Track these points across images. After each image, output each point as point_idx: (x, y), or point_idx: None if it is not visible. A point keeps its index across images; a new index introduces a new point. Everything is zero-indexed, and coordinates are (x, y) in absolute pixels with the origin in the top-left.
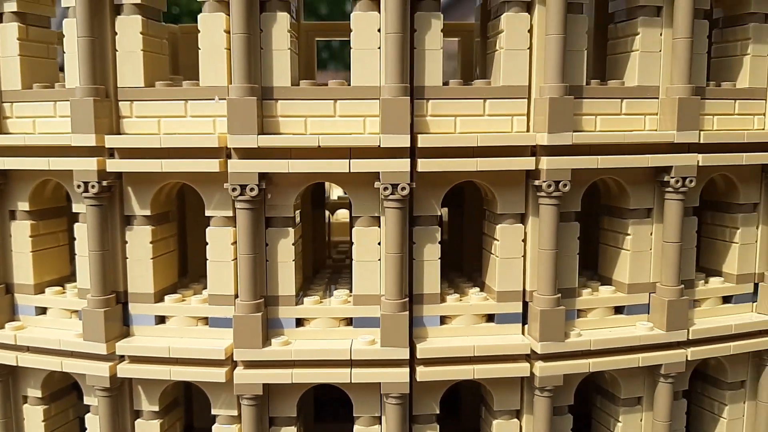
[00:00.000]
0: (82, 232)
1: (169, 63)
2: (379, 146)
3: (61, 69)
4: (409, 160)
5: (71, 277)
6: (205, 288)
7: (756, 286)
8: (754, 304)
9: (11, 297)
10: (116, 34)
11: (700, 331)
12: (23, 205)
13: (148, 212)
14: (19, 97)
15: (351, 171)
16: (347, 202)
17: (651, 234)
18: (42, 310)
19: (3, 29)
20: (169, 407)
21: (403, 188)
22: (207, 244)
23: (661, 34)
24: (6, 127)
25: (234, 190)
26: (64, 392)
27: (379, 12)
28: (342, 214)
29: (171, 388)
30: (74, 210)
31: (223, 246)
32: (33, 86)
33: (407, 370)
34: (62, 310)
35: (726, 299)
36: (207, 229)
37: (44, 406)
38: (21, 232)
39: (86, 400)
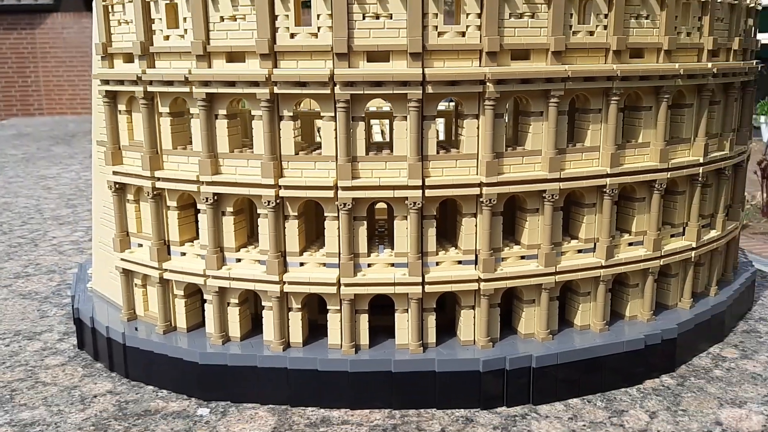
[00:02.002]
0: (263, 222)
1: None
2: (407, 185)
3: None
4: (421, 190)
5: (248, 243)
6: (322, 247)
7: (595, 244)
8: (594, 252)
9: (223, 254)
10: (280, 129)
11: (562, 266)
12: (229, 209)
13: (296, 213)
14: (228, 156)
15: (395, 197)
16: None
17: (539, 220)
18: (239, 260)
19: (219, 124)
20: (303, 306)
21: (418, 204)
22: (324, 229)
23: (542, 124)
24: (220, 171)
25: (341, 205)
26: (246, 301)
27: (407, 121)
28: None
29: (305, 296)
30: (258, 212)
31: (333, 230)
32: (234, 150)
33: (420, 287)
34: (251, 260)
35: (579, 251)
36: (325, 222)
37: (239, 308)
38: (228, 222)
39: (263, 304)
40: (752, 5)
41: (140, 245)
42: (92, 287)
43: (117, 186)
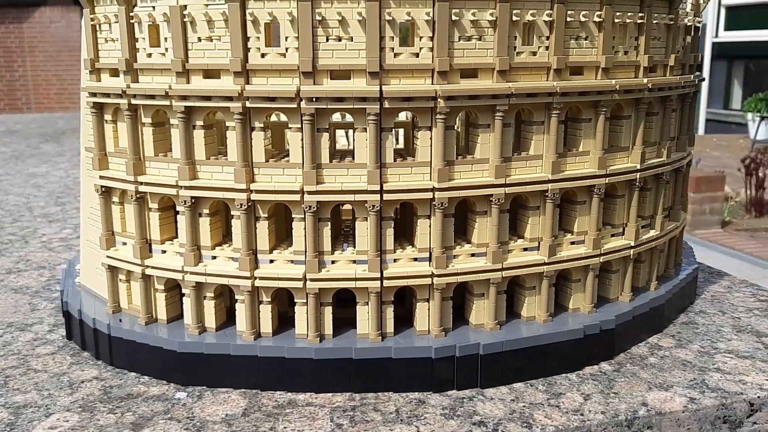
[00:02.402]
0: (237, 223)
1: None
2: (367, 190)
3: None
4: (379, 195)
5: (223, 242)
6: (290, 246)
7: (539, 243)
8: (538, 251)
9: (199, 252)
10: (252, 139)
11: (509, 263)
12: (205, 211)
13: (266, 215)
14: (204, 163)
15: (355, 200)
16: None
17: (487, 221)
18: (214, 257)
19: (196, 133)
20: (273, 299)
21: (377, 207)
22: (292, 229)
23: (489, 135)
24: (197, 176)
25: (307, 208)
26: (221, 295)
27: (366, 132)
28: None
29: (275, 291)
30: (232, 213)
31: (300, 230)
32: (210, 158)
33: (379, 282)
34: (225, 257)
35: (525, 249)
36: (293, 223)
37: (215, 301)
38: (204, 223)
39: (237, 297)
40: (690, 24)
41: (124, 243)
42: (80, 282)
43: (103, 189)
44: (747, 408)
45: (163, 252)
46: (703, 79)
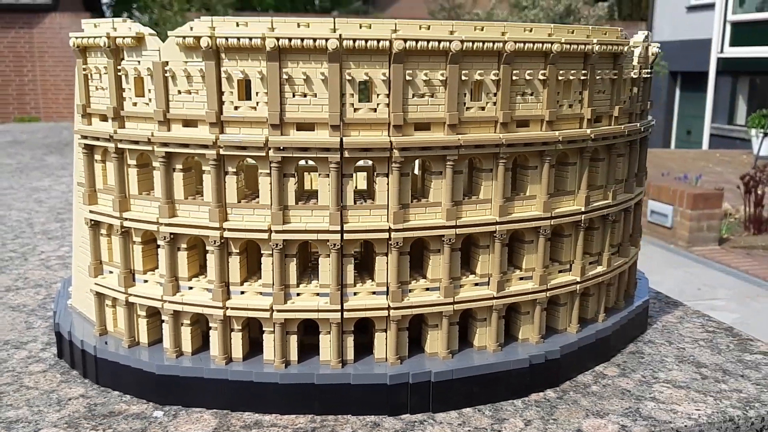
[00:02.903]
0: (211, 257)
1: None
2: (329, 230)
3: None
4: (340, 234)
5: (199, 273)
6: (260, 279)
7: (489, 278)
8: (488, 286)
9: (177, 283)
10: (225, 182)
11: (460, 297)
12: (183, 246)
13: (238, 251)
14: (183, 202)
15: (318, 239)
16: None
17: (440, 259)
18: (191, 288)
19: (176, 176)
20: (243, 327)
21: (338, 245)
22: (261, 264)
23: (441, 181)
24: (176, 214)
25: (274, 246)
26: (197, 322)
27: (328, 178)
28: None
29: (245, 320)
30: (207, 248)
31: (268, 265)
32: (188, 198)
33: (339, 314)
34: (201, 288)
35: (476, 284)
36: (262, 258)
37: (191, 328)
38: (182, 256)
39: (210, 325)
40: (637, 77)
41: (111, 272)
42: (71, 304)
43: (92, 222)
44: None
45: (145, 281)
46: (653, 124)
